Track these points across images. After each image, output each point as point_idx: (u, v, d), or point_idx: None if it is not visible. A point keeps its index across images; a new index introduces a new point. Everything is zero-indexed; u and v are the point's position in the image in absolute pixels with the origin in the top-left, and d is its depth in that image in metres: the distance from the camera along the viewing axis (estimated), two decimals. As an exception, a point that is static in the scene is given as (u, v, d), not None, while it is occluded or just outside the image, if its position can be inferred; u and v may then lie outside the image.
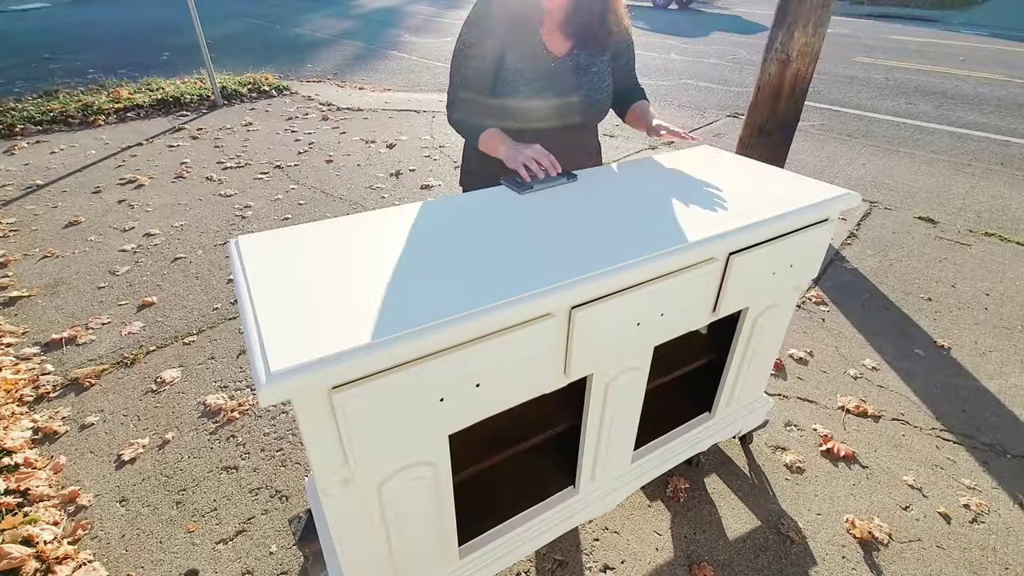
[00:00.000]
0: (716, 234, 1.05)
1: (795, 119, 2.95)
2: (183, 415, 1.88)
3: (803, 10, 2.62)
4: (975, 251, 2.99)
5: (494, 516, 1.26)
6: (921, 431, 1.86)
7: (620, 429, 1.25)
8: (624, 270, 0.93)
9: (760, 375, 1.54)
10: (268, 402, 0.67)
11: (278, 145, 4.33)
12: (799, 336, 2.32)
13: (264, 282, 0.87)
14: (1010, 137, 4.76)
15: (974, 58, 7.82)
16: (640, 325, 1.04)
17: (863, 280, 2.73)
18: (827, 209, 1.23)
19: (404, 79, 6.47)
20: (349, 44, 8.35)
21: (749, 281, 1.18)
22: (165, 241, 2.96)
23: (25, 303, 2.43)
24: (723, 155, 1.49)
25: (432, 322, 0.78)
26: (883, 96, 5.92)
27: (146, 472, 1.68)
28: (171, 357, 2.14)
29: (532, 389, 0.96)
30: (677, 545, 1.49)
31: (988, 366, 2.16)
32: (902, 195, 3.65)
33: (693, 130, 4.84)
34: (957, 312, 2.48)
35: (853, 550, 1.49)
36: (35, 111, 4.62)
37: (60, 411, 1.87)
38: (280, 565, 1.43)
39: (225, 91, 5.39)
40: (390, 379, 0.76)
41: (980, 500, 1.62)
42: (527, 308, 0.84)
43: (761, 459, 1.75)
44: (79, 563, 1.41)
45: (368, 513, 0.92)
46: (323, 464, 0.80)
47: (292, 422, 1.86)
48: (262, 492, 1.63)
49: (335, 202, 3.44)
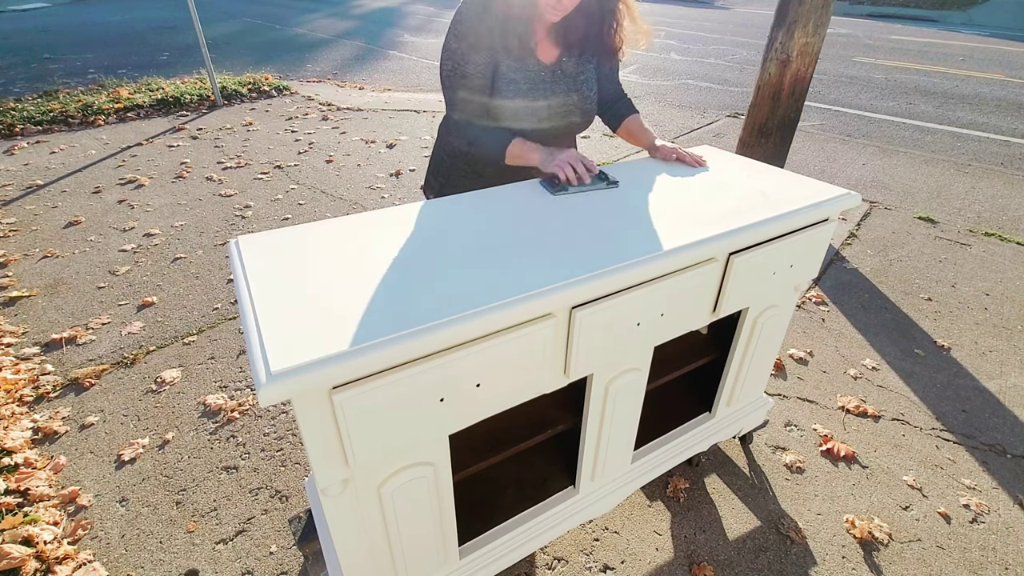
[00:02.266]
0: (716, 234, 1.05)
1: (795, 119, 2.95)
2: (183, 415, 1.88)
3: (803, 10, 2.63)
4: (975, 251, 2.99)
5: (494, 516, 1.26)
6: (921, 431, 1.86)
7: (620, 429, 1.25)
8: (624, 270, 0.93)
9: (760, 375, 1.54)
10: (268, 402, 0.67)
11: (278, 145, 4.33)
12: (799, 336, 2.32)
13: (264, 282, 0.87)
14: (1010, 137, 4.76)
15: (974, 58, 7.82)
16: (640, 325, 1.04)
17: (863, 280, 2.73)
18: (827, 209, 1.23)
19: (404, 79, 6.47)
20: (349, 44, 8.35)
21: (749, 281, 1.18)
22: (165, 241, 2.96)
23: (25, 303, 2.43)
24: (723, 155, 1.49)
25: (432, 322, 0.78)
26: (883, 96, 5.92)
27: (146, 472, 1.68)
28: (171, 357, 2.14)
29: (532, 389, 0.96)
30: (677, 545, 1.49)
31: (988, 366, 2.16)
32: (902, 195, 3.65)
33: (693, 130, 4.84)
34: (957, 312, 2.48)
35: (853, 550, 1.49)
36: (35, 111, 4.62)
37: (60, 411, 1.87)
38: (280, 565, 1.43)
39: (225, 91, 5.39)
40: (390, 379, 0.76)
41: (980, 500, 1.62)
42: (527, 308, 0.84)
43: (761, 459, 1.75)
44: (79, 563, 1.41)
45: (368, 513, 0.92)
46: (323, 464, 0.80)
47: (292, 422, 1.86)
48: (262, 492, 1.63)
49: (335, 202, 3.44)
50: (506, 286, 0.86)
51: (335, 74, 6.65)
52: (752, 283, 1.19)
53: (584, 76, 1.35)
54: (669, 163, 1.41)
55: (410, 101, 5.58)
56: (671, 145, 1.44)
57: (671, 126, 4.95)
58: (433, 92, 5.91)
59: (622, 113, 1.47)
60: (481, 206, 1.16)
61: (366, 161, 4.07)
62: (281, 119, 4.94)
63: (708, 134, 4.77)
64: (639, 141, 1.47)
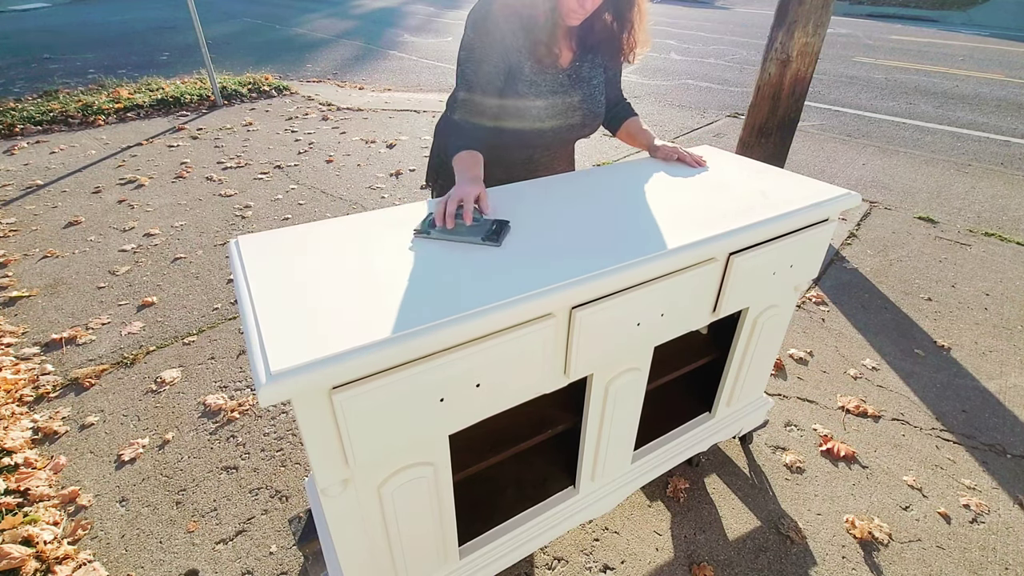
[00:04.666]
0: (716, 234, 1.05)
1: (795, 119, 2.95)
2: (183, 415, 1.88)
3: (803, 10, 2.62)
4: (975, 251, 2.99)
5: (494, 516, 1.26)
6: (921, 431, 1.86)
7: (620, 429, 1.25)
8: (624, 270, 0.93)
9: (760, 375, 1.54)
10: (268, 402, 0.67)
11: (278, 145, 4.33)
12: (799, 336, 2.32)
13: (264, 282, 0.87)
14: (1010, 137, 4.76)
15: (974, 58, 7.82)
16: (640, 325, 1.04)
17: (863, 280, 2.73)
18: (827, 209, 1.23)
19: (404, 79, 6.47)
20: (349, 44, 8.34)
21: (749, 281, 1.18)
22: (165, 241, 2.96)
23: (25, 303, 2.43)
24: (723, 155, 1.49)
25: (432, 322, 0.78)
26: (883, 96, 5.92)
27: (146, 472, 1.68)
28: (171, 357, 2.14)
29: (532, 389, 0.96)
30: (677, 545, 1.49)
31: (988, 366, 2.16)
32: (902, 195, 3.65)
33: (693, 130, 4.84)
34: (957, 312, 2.48)
35: (853, 550, 1.49)
36: (35, 111, 4.62)
37: (60, 411, 1.87)
38: (280, 565, 1.43)
39: (225, 91, 5.39)
40: (390, 379, 0.76)
41: (980, 500, 1.62)
42: (527, 308, 0.84)
43: (761, 459, 1.75)
44: (79, 563, 1.41)
45: (368, 513, 0.92)
46: (323, 464, 0.80)
47: (292, 422, 1.86)
48: (262, 492, 1.63)
49: (335, 202, 3.44)
50: (506, 286, 0.86)
51: (335, 74, 6.65)
52: (752, 283, 1.19)
53: (596, 81, 1.34)
54: (669, 163, 1.41)
55: (410, 101, 5.58)
56: (671, 145, 1.43)
57: (671, 126, 4.95)
58: (433, 92, 5.91)
59: (622, 116, 1.48)
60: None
61: (366, 161, 4.07)
62: (281, 119, 4.94)
63: (708, 134, 4.77)
64: (639, 142, 1.48)
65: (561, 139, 1.38)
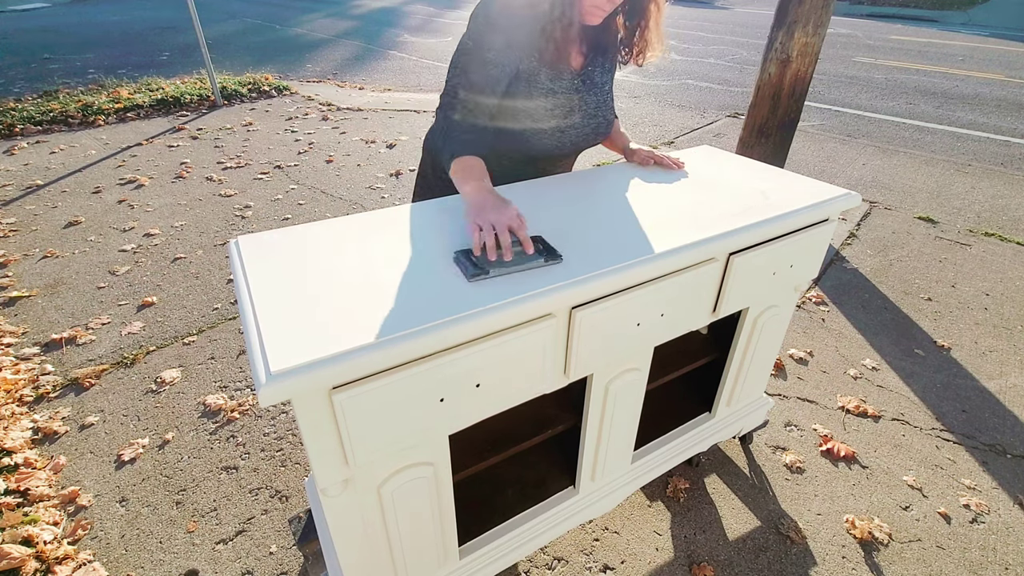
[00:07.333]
0: (716, 234, 1.05)
1: (795, 119, 2.95)
2: (183, 415, 1.88)
3: (803, 10, 2.62)
4: (975, 251, 2.99)
5: (494, 516, 1.25)
6: (921, 431, 1.86)
7: (620, 429, 1.25)
8: (624, 270, 0.93)
9: (760, 375, 1.54)
10: (268, 402, 0.67)
11: (278, 145, 4.33)
12: (799, 336, 2.32)
13: (264, 282, 0.87)
14: (1010, 137, 4.76)
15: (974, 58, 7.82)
16: (640, 325, 1.04)
17: (863, 280, 2.72)
18: (827, 209, 1.23)
19: (404, 79, 6.47)
20: (349, 44, 8.34)
21: (749, 281, 1.18)
22: (165, 241, 2.96)
23: (25, 303, 2.43)
24: (723, 155, 1.49)
25: (432, 322, 0.78)
26: (883, 96, 5.92)
27: (146, 472, 1.68)
28: (171, 357, 2.14)
29: (532, 389, 0.96)
30: (677, 545, 1.49)
31: (988, 366, 2.16)
32: (902, 195, 3.65)
33: (693, 130, 4.84)
34: (957, 312, 2.48)
35: (853, 550, 1.49)
36: (35, 111, 4.62)
37: (60, 411, 1.87)
38: (280, 565, 1.43)
39: (225, 91, 5.39)
40: (390, 379, 0.76)
41: (980, 500, 1.62)
42: (527, 308, 0.84)
43: (761, 459, 1.75)
44: (79, 563, 1.41)
45: (368, 513, 0.92)
46: (323, 464, 0.80)
47: (292, 422, 1.86)
48: (262, 492, 1.63)
49: (335, 202, 3.44)
50: (506, 286, 0.86)
51: (335, 74, 6.65)
52: (752, 283, 1.19)
53: (608, 86, 1.30)
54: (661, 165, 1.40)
55: (410, 101, 5.58)
56: (647, 149, 1.39)
57: (671, 126, 4.95)
58: (433, 92, 5.91)
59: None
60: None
61: (366, 161, 4.07)
62: (281, 119, 4.94)
63: (708, 134, 4.77)
64: (615, 146, 1.44)
65: (573, 145, 1.29)
